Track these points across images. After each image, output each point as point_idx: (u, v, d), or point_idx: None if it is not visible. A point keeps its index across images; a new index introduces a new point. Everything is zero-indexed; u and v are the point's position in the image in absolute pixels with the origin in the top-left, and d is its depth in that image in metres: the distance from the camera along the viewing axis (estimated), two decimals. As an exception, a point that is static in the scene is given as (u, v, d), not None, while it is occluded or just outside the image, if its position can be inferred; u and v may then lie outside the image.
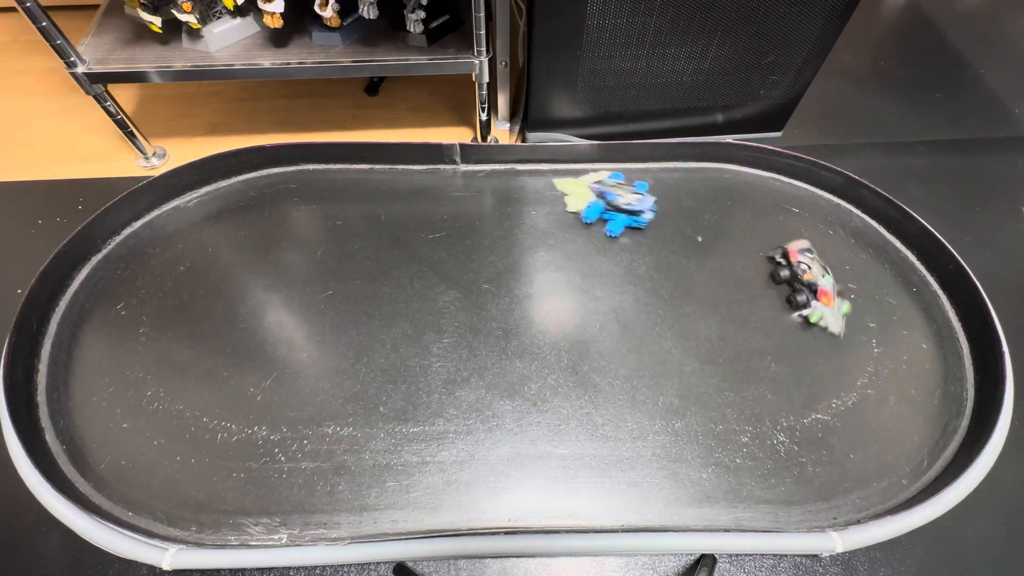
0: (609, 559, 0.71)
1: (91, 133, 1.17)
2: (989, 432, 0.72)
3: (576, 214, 0.97)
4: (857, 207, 1.01)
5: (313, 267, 0.91)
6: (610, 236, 0.95)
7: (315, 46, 1.01)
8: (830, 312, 0.84)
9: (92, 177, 1.09)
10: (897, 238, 0.97)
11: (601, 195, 0.96)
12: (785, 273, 0.88)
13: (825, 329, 0.84)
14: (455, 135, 1.20)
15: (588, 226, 0.96)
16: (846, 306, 0.86)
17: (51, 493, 0.65)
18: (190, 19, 0.93)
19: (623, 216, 0.95)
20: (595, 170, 1.03)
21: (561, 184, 1.00)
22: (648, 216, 0.95)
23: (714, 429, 0.76)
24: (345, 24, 0.99)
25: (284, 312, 0.85)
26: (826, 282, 0.86)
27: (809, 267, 0.86)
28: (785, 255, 0.89)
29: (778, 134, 1.18)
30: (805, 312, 0.85)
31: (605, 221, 0.96)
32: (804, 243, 0.91)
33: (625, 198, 0.94)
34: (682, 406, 0.77)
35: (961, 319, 0.87)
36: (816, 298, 0.85)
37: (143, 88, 1.26)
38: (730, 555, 0.71)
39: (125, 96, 1.23)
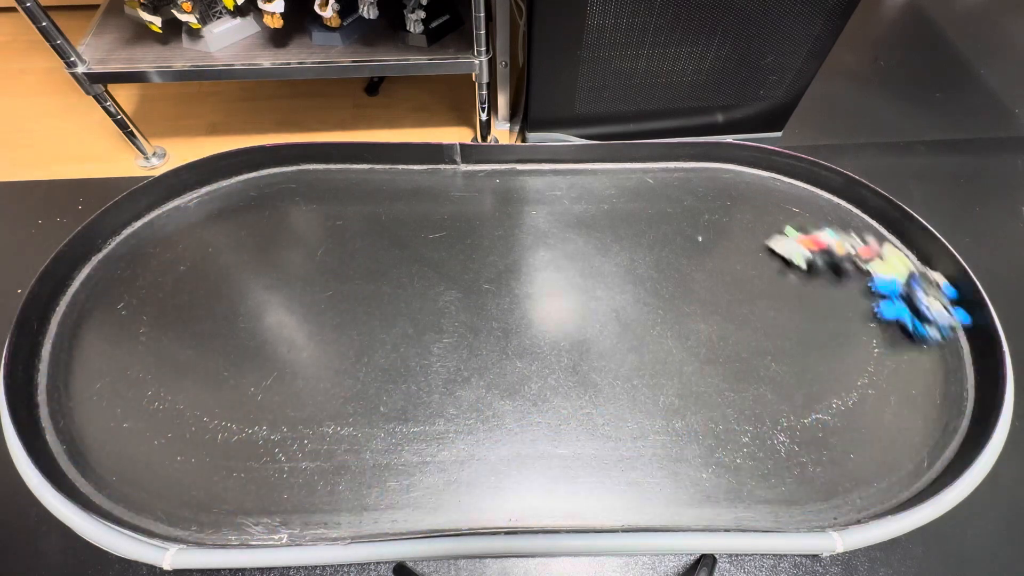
0: (609, 559, 0.71)
1: (91, 133, 1.17)
2: (989, 432, 0.72)
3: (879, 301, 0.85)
4: (857, 207, 1.01)
5: (313, 267, 0.91)
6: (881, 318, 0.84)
7: (315, 46, 1.01)
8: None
9: (92, 177, 1.09)
10: (897, 238, 0.97)
11: (909, 290, 0.83)
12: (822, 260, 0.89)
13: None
14: (455, 135, 1.20)
15: (587, 228, 0.96)
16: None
17: (51, 493, 0.65)
18: (190, 19, 0.93)
19: (927, 321, 0.81)
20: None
21: (886, 262, 0.88)
22: (953, 323, 0.81)
23: (714, 429, 0.76)
24: (345, 24, 0.99)
25: (284, 312, 0.85)
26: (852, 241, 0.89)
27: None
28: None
29: (778, 134, 1.18)
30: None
31: (906, 323, 0.83)
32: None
33: (931, 303, 0.81)
34: (682, 406, 0.77)
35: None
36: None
37: (143, 88, 1.26)
38: (730, 555, 0.71)
39: (125, 96, 1.23)
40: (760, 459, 0.73)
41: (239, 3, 0.92)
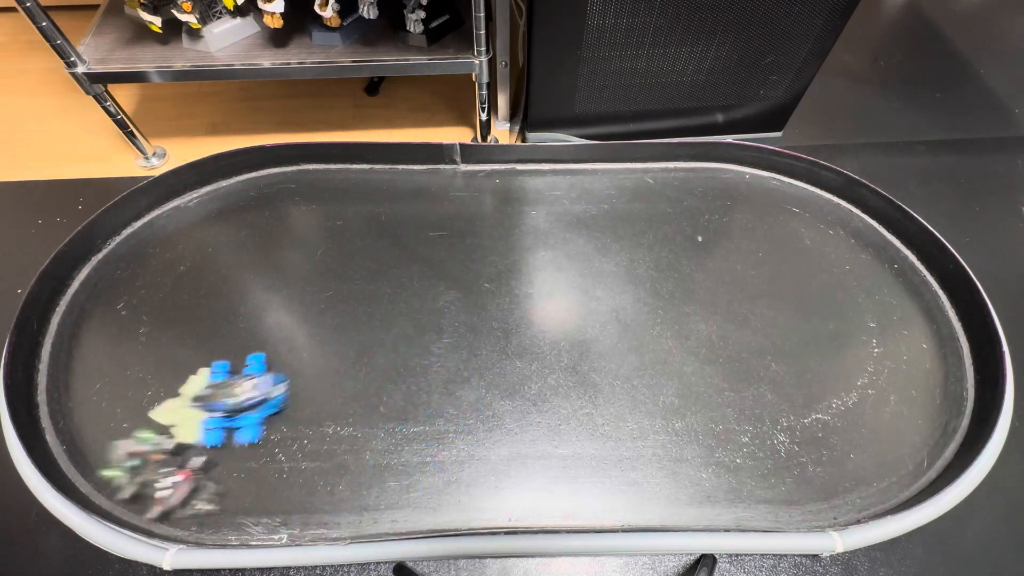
0: (609, 559, 0.71)
1: (91, 133, 1.17)
2: (989, 432, 0.72)
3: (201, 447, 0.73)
4: (857, 207, 1.01)
5: (313, 267, 0.91)
6: (252, 444, 0.73)
7: (315, 46, 1.01)
8: None
9: (92, 177, 1.09)
10: (897, 238, 0.97)
11: (209, 410, 0.74)
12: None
13: None
14: (455, 135, 1.19)
15: (587, 228, 0.96)
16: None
17: (51, 493, 0.65)
18: (190, 19, 0.93)
19: (252, 415, 0.74)
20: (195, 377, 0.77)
21: (160, 415, 0.74)
22: (281, 391, 0.75)
23: (714, 429, 0.76)
24: (345, 24, 0.99)
25: (284, 312, 0.85)
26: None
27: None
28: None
29: (778, 134, 1.18)
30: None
31: (233, 429, 0.74)
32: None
33: (237, 396, 0.73)
34: (682, 406, 0.77)
35: (961, 319, 0.87)
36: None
37: (143, 88, 1.26)
38: (730, 555, 0.71)
39: (125, 96, 1.23)
40: (760, 459, 0.73)
41: (239, 3, 0.92)
